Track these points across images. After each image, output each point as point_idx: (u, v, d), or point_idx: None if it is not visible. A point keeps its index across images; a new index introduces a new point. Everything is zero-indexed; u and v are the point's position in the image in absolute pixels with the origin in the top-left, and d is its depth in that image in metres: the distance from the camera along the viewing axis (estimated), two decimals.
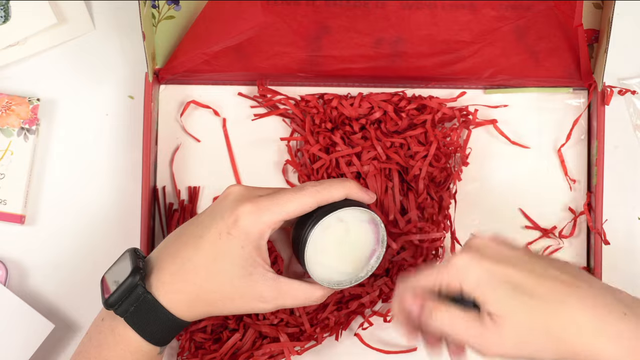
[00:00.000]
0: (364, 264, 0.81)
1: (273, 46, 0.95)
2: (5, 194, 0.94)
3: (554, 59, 0.95)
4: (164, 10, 0.95)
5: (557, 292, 0.73)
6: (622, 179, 0.97)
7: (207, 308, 0.79)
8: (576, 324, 0.72)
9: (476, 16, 0.94)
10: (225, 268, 0.78)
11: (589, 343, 0.72)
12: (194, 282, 0.78)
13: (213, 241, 0.78)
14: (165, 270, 0.79)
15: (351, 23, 0.94)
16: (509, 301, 0.73)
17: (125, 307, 0.78)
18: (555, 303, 0.72)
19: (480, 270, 0.74)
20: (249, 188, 0.80)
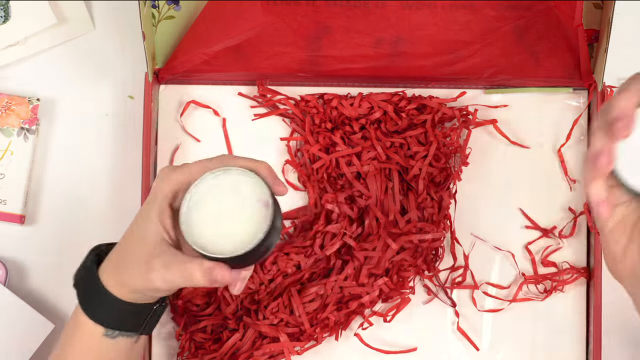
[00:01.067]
0: (245, 244, 0.75)
1: (273, 46, 0.95)
2: (5, 194, 0.94)
3: (554, 59, 0.95)
4: (164, 10, 0.95)
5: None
6: None
7: (122, 279, 0.77)
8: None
9: (476, 16, 0.94)
10: (135, 233, 0.77)
11: None
12: (116, 251, 0.78)
13: (139, 210, 0.79)
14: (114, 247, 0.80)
15: (351, 23, 0.94)
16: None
17: (76, 281, 0.79)
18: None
19: None
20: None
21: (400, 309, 0.95)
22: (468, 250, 0.96)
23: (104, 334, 0.78)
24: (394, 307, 0.95)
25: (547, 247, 0.96)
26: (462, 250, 0.96)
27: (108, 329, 0.78)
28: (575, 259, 0.96)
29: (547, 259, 0.96)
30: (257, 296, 0.93)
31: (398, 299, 0.95)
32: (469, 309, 0.96)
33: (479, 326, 0.95)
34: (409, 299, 0.95)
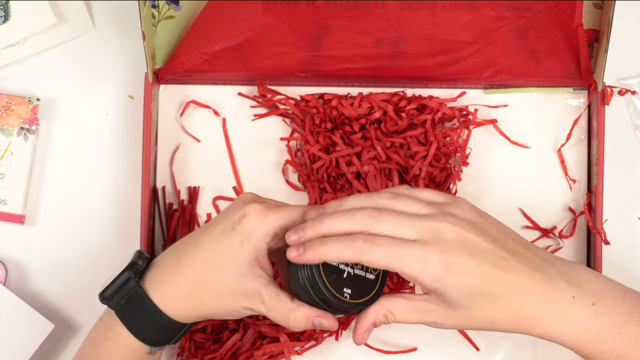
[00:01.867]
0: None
1: (273, 46, 0.95)
2: (5, 194, 0.94)
3: (554, 59, 0.95)
4: (164, 10, 0.95)
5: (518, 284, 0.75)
6: (622, 179, 0.97)
7: (197, 307, 0.79)
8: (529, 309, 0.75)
9: (476, 16, 0.94)
10: (220, 264, 0.78)
11: (541, 318, 0.76)
12: (187, 277, 0.78)
13: (215, 237, 0.78)
14: (162, 265, 0.79)
15: (351, 23, 0.94)
16: (469, 296, 0.75)
17: (117, 300, 0.79)
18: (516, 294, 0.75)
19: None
20: (259, 196, 0.81)
21: None
22: None
23: (149, 352, 0.80)
24: None
25: (547, 247, 0.96)
26: None
27: (155, 347, 0.80)
28: (575, 259, 0.96)
29: None
30: None
31: None
32: None
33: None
34: None
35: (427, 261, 0.74)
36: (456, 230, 0.75)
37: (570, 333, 0.76)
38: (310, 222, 0.76)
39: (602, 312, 0.77)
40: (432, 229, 0.75)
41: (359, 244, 0.74)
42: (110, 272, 0.80)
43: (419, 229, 0.75)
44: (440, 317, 0.77)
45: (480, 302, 0.75)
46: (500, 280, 0.75)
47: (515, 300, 0.75)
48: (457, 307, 0.75)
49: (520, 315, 0.76)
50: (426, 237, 0.74)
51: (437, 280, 0.74)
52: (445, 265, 0.74)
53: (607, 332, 0.76)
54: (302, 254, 0.75)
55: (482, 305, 0.75)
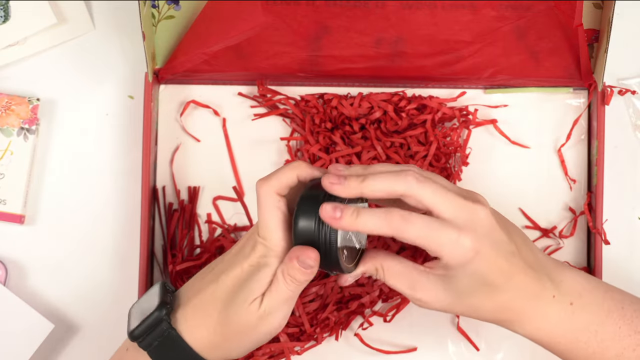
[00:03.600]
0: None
1: (273, 46, 0.95)
2: (5, 194, 0.94)
3: (554, 59, 0.95)
4: (164, 10, 0.95)
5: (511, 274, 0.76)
6: (622, 179, 0.97)
7: (226, 344, 0.78)
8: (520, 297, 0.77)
9: (476, 16, 0.94)
10: (243, 298, 0.77)
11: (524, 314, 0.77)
12: (213, 315, 0.77)
13: (236, 275, 0.78)
14: (189, 305, 0.78)
15: (351, 23, 0.94)
16: (467, 264, 0.76)
17: (149, 341, 0.77)
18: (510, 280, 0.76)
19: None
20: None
21: (400, 309, 0.95)
22: None
23: None
24: (394, 307, 0.95)
25: (547, 247, 0.96)
26: None
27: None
28: (575, 259, 0.96)
29: None
30: None
31: (398, 299, 0.95)
32: None
33: (479, 326, 0.95)
34: None
35: (459, 246, 0.75)
36: (489, 217, 0.76)
37: (546, 330, 0.78)
38: (352, 181, 0.75)
39: (579, 311, 0.78)
40: (469, 210, 0.75)
41: (396, 221, 0.74)
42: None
43: (457, 207, 0.75)
44: (428, 295, 0.77)
45: (480, 291, 0.76)
46: (505, 273, 0.76)
47: (508, 293, 0.76)
48: (454, 291, 0.76)
49: (506, 307, 0.77)
50: (462, 217, 0.75)
51: (461, 264, 0.75)
52: (474, 252, 0.75)
53: (581, 330, 0.78)
54: (338, 219, 0.74)
55: (479, 293, 0.76)
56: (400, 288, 0.78)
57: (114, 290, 0.96)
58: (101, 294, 0.96)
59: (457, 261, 0.75)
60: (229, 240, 0.95)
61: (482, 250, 0.75)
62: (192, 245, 0.96)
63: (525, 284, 0.77)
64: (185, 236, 0.96)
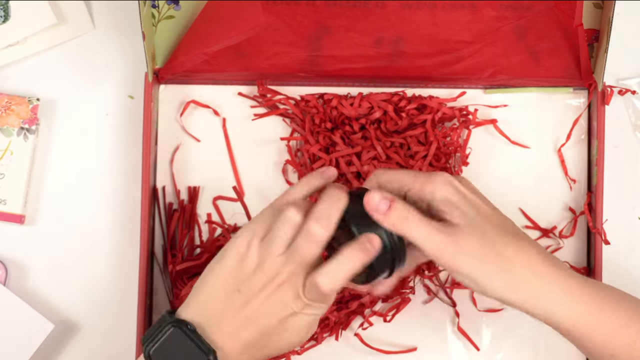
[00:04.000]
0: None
1: (273, 46, 0.95)
2: (5, 194, 0.94)
3: (554, 58, 0.95)
4: (164, 10, 0.95)
5: (523, 246, 0.77)
6: (622, 179, 0.97)
7: (261, 351, 0.77)
8: (533, 270, 0.76)
9: (476, 16, 0.94)
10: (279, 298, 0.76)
11: (541, 288, 0.76)
12: (250, 336, 0.76)
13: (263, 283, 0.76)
14: (224, 329, 0.76)
15: (351, 23, 0.94)
16: (475, 219, 0.76)
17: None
18: (519, 249, 0.76)
19: (456, 195, 0.77)
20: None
21: (400, 309, 0.95)
22: None
23: None
24: (394, 307, 0.95)
25: (547, 247, 0.96)
26: None
27: None
28: (575, 259, 0.96)
29: None
30: None
31: (398, 299, 0.95)
32: (470, 309, 0.96)
33: (479, 326, 0.95)
34: (409, 298, 0.95)
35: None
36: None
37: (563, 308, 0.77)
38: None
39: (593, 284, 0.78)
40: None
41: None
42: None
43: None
44: (441, 249, 0.76)
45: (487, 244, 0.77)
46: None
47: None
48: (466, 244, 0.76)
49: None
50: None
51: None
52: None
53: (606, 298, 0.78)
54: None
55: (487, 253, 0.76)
56: (415, 239, 0.77)
57: (114, 290, 0.96)
58: (101, 294, 0.96)
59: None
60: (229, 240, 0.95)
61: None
62: (192, 245, 0.96)
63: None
64: (185, 236, 0.96)
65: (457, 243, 0.75)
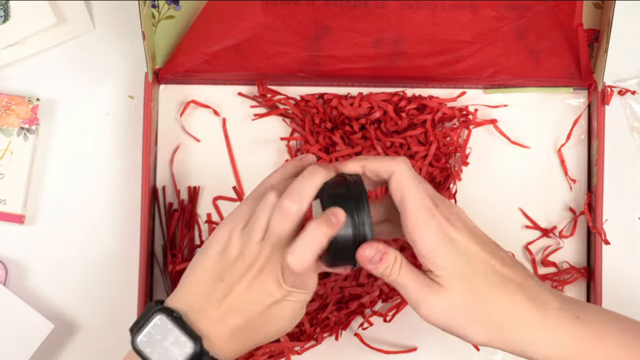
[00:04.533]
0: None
1: (273, 46, 0.95)
2: (5, 194, 0.94)
3: (554, 58, 0.95)
4: (164, 10, 0.95)
5: (509, 294, 0.76)
6: (623, 179, 0.97)
7: (249, 338, 0.77)
8: (520, 319, 0.75)
9: (476, 16, 0.94)
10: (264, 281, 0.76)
11: (527, 337, 0.76)
12: (247, 341, 0.77)
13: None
14: (210, 316, 0.75)
15: (351, 23, 0.94)
16: (464, 272, 0.76)
17: None
18: (507, 299, 0.76)
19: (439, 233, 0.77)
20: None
21: (400, 308, 0.95)
22: None
23: None
24: (394, 307, 0.95)
25: (547, 247, 0.96)
26: None
27: None
28: (575, 259, 0.96)
29: (547, 259, 0.96)
30: None
31: (398, 299, 0.95)
32: None
33: None
34: None
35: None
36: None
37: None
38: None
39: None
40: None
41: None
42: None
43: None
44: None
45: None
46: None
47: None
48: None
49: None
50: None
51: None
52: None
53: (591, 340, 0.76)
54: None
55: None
56: (410, 289, 0.77)
57: (114, 290, 0.96)
58: (101, 294, 0.96)
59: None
60: None
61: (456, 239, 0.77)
62: (192, 245, 0.96)
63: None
64: (185, 236, 0.96)
65: (446, 302, 0.76)
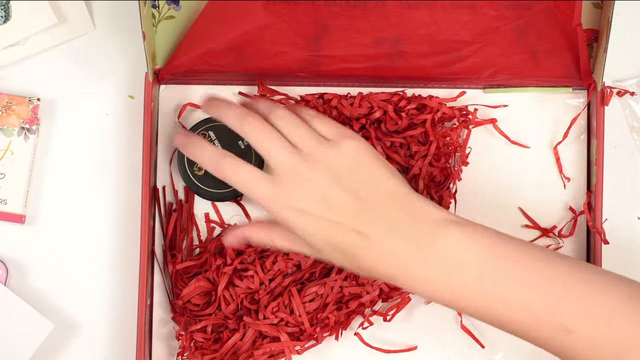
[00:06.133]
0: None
1: (273, 46, 0.95)
2: (6, 194, 0.94)
3: (554, 58, 0.95)
4: (164, 10, 0.95)
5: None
6: (622, 179, 0.97)
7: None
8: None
9: (476, 16, 0.94)
10: None
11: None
12: None
13: None
14: None
15: (351, 23, 0.94)
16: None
17: None
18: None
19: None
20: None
21: (400, 308, 0.95)
22: None
23: None
24: (394, 307, 0.95)
25: (547, 247, 0.96)
26: None
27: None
28: None
29: None
30: (257, 296, 0.93)
31: (398, 298, 0.95)
32: None
33: (479, 325, 0.96)
34: (409, 298, 0.95)
35: (277, 199, 0.80)
36: (308, 174, 0.80)
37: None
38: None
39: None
40: (289, 166, 0.80)
41: (225, 164, 0.82)
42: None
43: (283, 159, 0.81)
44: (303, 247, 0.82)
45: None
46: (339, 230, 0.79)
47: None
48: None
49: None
50: (281, 171, 0.80)
51: (285, 220, 0.80)
52: (292, 209, 0.80)
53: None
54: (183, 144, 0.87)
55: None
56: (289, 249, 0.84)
57: (114, 290, 0.96)
58: (101, 294, 0.96)
59: (278, 217, 0.80)
60: None
61: (303, 208, 0.79)
62: (191, 245, 0.96)
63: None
64: (184, 236, 0.96)
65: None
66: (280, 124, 0.83)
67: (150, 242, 0.94)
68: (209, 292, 0.94)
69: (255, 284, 0.93)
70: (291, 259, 0.94)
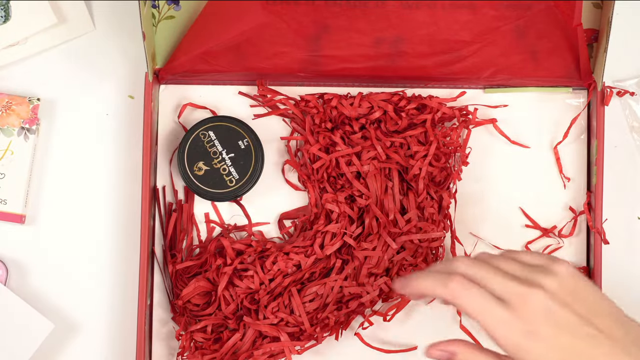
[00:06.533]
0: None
1: (273, 46, 0.95)
2: (6, 194, 0.94)
3: (554, 58, 0.95)
4: (164, 10, 0.95)
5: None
6: (622, 179, 0.97)
7: None
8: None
9: (476, 16, 0.94)
10: None
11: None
12: None
13: None
14: None
15: (351, 23, 0.94)
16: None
17: None
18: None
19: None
20: None
21: (400, 308, 0.95)
22: (468, 250, 0.96)
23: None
24: (394, 307, 0.95)
25: (547, 247, 0.96)
26: (462, 250, 0.96)
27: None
28: (575, 259, 0.97)
29: None
30: (257, 296, 0.93)
31: (398, 298, 0.95)
32: None
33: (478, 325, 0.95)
34: (409, 298, 0.95)
35: (510, 326, 0.73)
36: (543, 301, 0.73)
37: None
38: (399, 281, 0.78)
39: None
40: (520, 294, 0.73)
41: (453, 285, 0.74)
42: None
43: (508, 290, 0.74)
44: None
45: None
46: (582, 355, 0.73)
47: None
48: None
49: None
50: (513, 300, 0.73)
51: (517, 347, 0.73)
52: (526, 333, 0.73)
53: None
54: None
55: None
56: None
57: (114, 290, 0.96)
58: (101, 294, 0.96)
59: (511, 346, 0.73)
60: (228, 239, 0.95)
61: (538, 331, 0.73)
62: (191, 245, 0.96)
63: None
64: (184, 237, 0.96)
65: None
66: (492, 260, 0.77)
67: (150, 242, 0.94)
68: (209, 292, 0.94)
69: (255, 284, 0.93)
70: (291, 259, 0.94)
